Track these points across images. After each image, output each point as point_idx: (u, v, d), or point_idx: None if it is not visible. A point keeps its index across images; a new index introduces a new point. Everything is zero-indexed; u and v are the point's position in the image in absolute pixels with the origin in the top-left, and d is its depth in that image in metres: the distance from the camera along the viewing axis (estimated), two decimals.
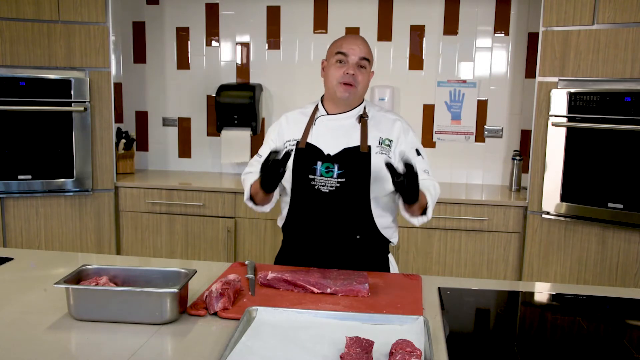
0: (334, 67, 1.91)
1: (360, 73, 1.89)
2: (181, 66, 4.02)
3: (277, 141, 2.00)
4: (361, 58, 1.88)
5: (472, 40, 3.68)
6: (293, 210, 1.95)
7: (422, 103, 3.78)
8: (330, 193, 1.87)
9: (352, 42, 1.90)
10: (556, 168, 3.06)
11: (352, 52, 1.88)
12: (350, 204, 1.88)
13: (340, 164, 1.87)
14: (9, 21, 3.25)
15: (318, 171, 1.88)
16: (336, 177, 1.87)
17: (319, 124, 1.95)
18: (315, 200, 1.89)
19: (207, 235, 3.51)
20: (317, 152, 1.90)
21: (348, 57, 1.88)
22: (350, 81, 1.87)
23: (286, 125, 2.01)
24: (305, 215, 1.93)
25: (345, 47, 1.89)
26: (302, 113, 2.02)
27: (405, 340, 1.23)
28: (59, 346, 1.32)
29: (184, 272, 1.56)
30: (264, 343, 1.28)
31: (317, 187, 1.88)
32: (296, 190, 1.93)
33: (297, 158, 1.91)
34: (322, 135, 1.93)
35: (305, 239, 1.95)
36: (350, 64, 1.88)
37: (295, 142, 1.94)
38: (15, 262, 1.94)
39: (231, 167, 4.04)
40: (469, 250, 3.27)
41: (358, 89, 1.90)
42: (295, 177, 1.92)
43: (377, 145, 1.91)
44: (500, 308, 1.73)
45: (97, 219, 3.52)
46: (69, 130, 3.38)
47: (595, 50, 2.92)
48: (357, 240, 1.91)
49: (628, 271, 2.95)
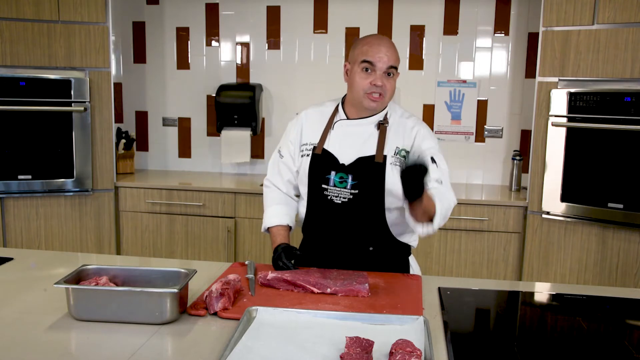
0: (359, 76, 1.80)
1: (388, 82, 1.79)
2: (181, 66, 4.02)
3: (295, 142, 1.96)
4: (389, 67, 1.78)
5: (472, 40, 3.68)
6: (309, 216, 1.93)
7: (422, 103, 3.78)
8: (343, 204, 1.84)
9: (379, 49, 1.77)
10: (556, 168, 3.06)
11: (379, 61, 1.76)
12: (363, 216, 1.84)
13: (354, 174, 1.83)
14: (9, 21, 3.25)
15: (332, 181, 1.85)
16: (349, 188, 1.83)
17: (337, 128, 1.90)
18: (329, 211, 1.86)
19: (207, 235, 3.51)
20: (332, 161, 1.86)
21: (375, 66, 1.77)
22: (380, 91, 1.79)
23: (306, 125, 1.95)
24: (320, 224, 1.91)
25: (372, 55, 1.77)
26: (322, 113, 1.95)
27: (405, 340, 1.23)
28: (59, 346, 1.32)
29: (184, 272, 1.55)
30: (264, 343, 1.28)
31: (330, 197, 1.85)
32: (311, 198, 1.91)
33: (313, 165, 1.88)
34: (339, 142, 1.88)
35: (323, 244, 1.93)
36: (378, 74, 1.77)
37: (312, 147, 1.90)
38: (15, 262, 1.94)
39: (231, 167, 4.04)
40: (469, 250, 3.27)
41: (386, 97, 1.82)
42: (311, 185, 1.89)
43: (393, 156, 1.84)
44: (500, 308, 1.73)
45: (97, 219, 3.52)
46: (69, 130, 3.38)
47: (595, 50, 2.92)
48: (370, 251, 1.88)
49: (628, 271, 2.95)
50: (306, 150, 1.92)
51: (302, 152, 1.93)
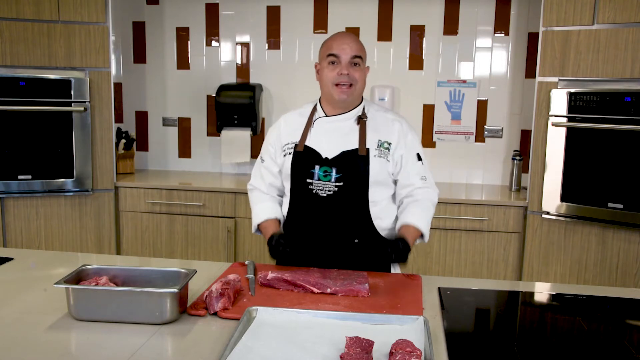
0: (327, 69, 1.88)
1: (355, 70, 1.87)
2: (181, 66, 4.02)
3: (275, 144, 2.00)
4: (353, 56, 1.86)
5: (472, 40, 3.68)
6: (292, 212, 1.95)
7: (422, 103, 3.78)
8: (328, 197, 1.87)
9: (342, 41, 1.87)
10: (556, 168, 3.06)
11: (343, 52, 1.85)
12: (348, 208, 1.88)
13: (338, 167, 1.87)
14: (9, 21, 3.25)
15: (316, 175, 1.88)
16: (334, 181, 1.86)
17: (317, 126, 1.94)
18: (314, 205, 1.89)
19: (207, 235, 3.51)
20: (315, 156, 1.89)
21: (340, 58, 1.86)
22: (346, 81, 1.85)
23: (284, 128, 2.00)
24: (304, 219, 1.93)
25: (336, 47, 1.86)
26: (301, 114, 2.00)
27: (405, 340, 1.23)
28: (59, 346, 1.32)
29: (184, 272, 1.56)
30: (264, 343, 1.28)
31: (315, 191, 1.88)
32: (295, 193, 1.93)
33: (295, 162, 1.91)
34: (320, 138, 1.92)
35: (307, 239, 1.94)
36: (343, 64, 1.85)
37: (294, 145, 1.93)
38: (15, 262, 1.94)
39: (231, 167, 4.04)
40: (469, 250, 3.27)
41: (356, 88, 1.88)
42: (294, 181, 1.92)
43: (376, 148, 1.89)
44: (500, 308, 1.73)
45: (97, 219, 3.52)
46: (69, 130, 3.38)
47: (595, 50, 2.92)
48: (355, 244, 1.91)
49: (628, 271, 2.95)
50: (288, 150, 1.95)
51: (284, 152, 1.96)
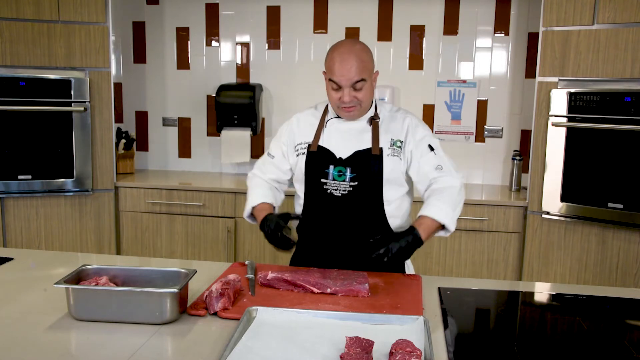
0: (330, 89, 1.83)
1: (358, 92, 1.81)
2: (181, 66, 4.02)
3: (288, 143, 1.99)
4: (355, 82, 1.79)
5: (472, 40, 3.68)
6: (306, 213, 1.95)
7: (422, 103, 3.78)
8: (343, 197, 1.87)
9: (342, 66, 1.77)
10: (556, 168, 3.06)
11: (343, 80, 1.78)
12: (363, 208, 1.87)
13: (353, 167, 1.86)
14: (9, 21, 3.25)
15: (330, 175, 1.88)
16: (349, 181, 1.86)
17: (329, 126, 1.93)
18: (328, 204, 1.88)
19: (207, 235, 3.51)
20: (329, 156, 1.89)
21: (341, 84, 1.79)
22: (350, 105, 1.82)
23: (297, 127, 1.99)
24: (319, 219, 1.92)
25: (337, 75, 1.78)
26: (313, 115, 1.99)
27: (405, 340, 1.23)
28: (59, 346, 1.32)
29: (184, 272, 1.56)
30: (264, 343, 1.28)
31: (330, 191, 1.88)
32: (309, 194, 1.93)
33: (309, 162, 1.90)
34: (334, 138, 1.91)
35: (320, 241, 1.94)
36: (345, 91, 1.79)
37: (307, 145, 1.93)
38: (15, 262, 1.94)
39: (231, 167, 4.04)
40: (469, 250, 3.27)
41: (362, 105, 1.85)
42: (308, 181, 1.91)
43: (389, 147, 1.88)
44: (500, 308, 1.73)
45: (97, 219, 3.52)
46: (69, 130, 3.38)
47: (595, 50, 2.92)
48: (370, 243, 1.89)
49: (628, 271, 2.95)
50: (301, 149, 1.94)
51: (297, 152, 1.95)
